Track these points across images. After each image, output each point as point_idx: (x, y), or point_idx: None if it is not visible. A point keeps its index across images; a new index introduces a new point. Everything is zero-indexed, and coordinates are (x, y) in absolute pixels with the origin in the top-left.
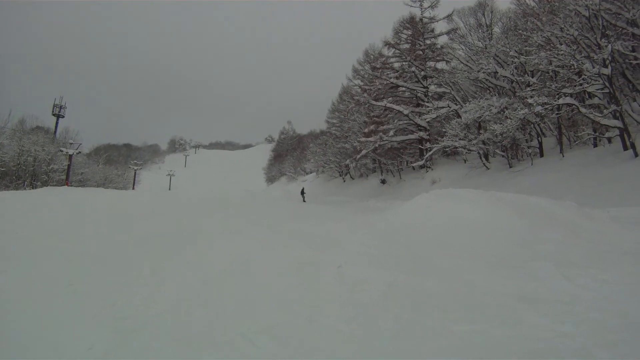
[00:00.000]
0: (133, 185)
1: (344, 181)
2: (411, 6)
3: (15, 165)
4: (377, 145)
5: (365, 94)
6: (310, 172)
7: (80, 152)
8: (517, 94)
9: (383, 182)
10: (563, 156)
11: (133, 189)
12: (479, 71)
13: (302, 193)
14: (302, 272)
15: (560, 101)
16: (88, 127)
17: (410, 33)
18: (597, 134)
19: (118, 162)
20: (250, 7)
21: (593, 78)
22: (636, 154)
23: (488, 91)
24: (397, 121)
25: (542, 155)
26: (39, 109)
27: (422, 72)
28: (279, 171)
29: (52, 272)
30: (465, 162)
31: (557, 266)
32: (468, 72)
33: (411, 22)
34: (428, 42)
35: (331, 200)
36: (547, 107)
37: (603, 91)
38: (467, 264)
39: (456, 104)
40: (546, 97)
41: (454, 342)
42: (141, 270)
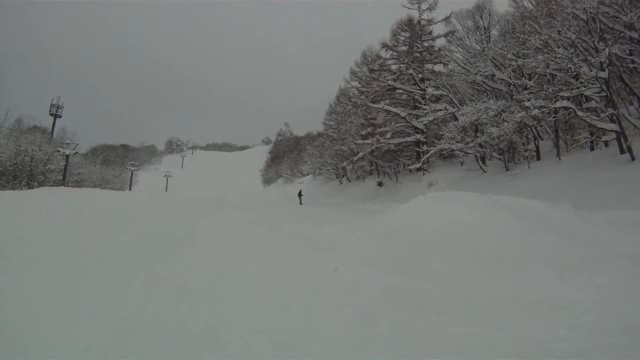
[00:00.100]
0: (130, 186)
1: (341, 183)
2: (409, 8)
3: (12, 165)
4: (374, 148)
5: (363, 96)
6: (307, 174)
7: (77, 152)
8: (514, 97)
9: (380, 184)
10: (560, 159)
11: (130, 189)
12: (476, 74)
13: (300, 195)
14: (299, 274)
15: (558, 104)
16: (85, 127)
17: (408, 35)
18: (593, 138)
19: (115, 162)
20: (250, 7)
21: (590, 81)
22: (633, 158)
23: (485, 94)
24: (394, 123)
25: (539, 158)
26: (36, 109)
27: (420, 75)
28: (276, 173)
29: (51, 272)
30: (462, 164)
31: (554, 269)
32: (465, 75)
33: (409, 25)
34: (426, 44)
35: (328, 203)
36: (544, 110)
37: (600, 95)
38: (464, 267)
39: (453, 107)
40: (543, 100)
41: (450, 346)
42: (139, 271)
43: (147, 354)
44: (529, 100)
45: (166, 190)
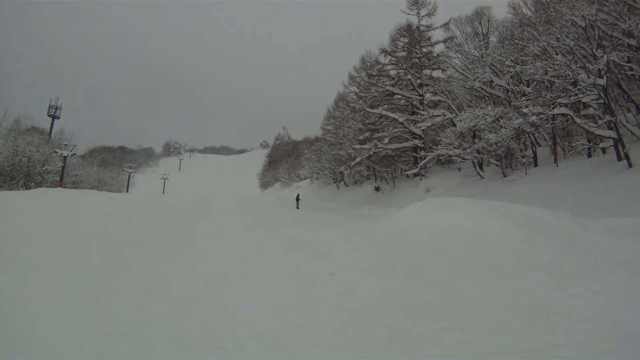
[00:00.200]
0: (127, 188)
1: (338, 188)
2: (408, 14)
3: (9, 166)
4: (371, 153)
5: (361, 101)
6: (305, 179)
7: (74, 153)
8: (512, 104)
9: (377, 189)
10: (557, 166)
11: (127, 192)
12: (474, 80)
13: (297, 199)
14: (295, 278)
15: (555, 111)
16: (83, 128)
17: (406, 41)
18: (591, 144)
19: (112, 164)
20: (250, 7)
21: (588, 88)
22: (630, 165)
23: (483, 100)
24: (392, 129)
25: (536, 164)
26: (35, 109)
27: (418, 80)
28: (273, 177)
29: (48, 272)
30: (459, 170)
31: (551, 276)
32: (464, 81)
33: (408, 30)
34: (424, 50)
35: (325, 207)
36: (541, 116)
37: (598, 102)
38: (461, 273)
39: (451, 113)
40: (541, 106)
41: (444, 351)
42: (136, 272)
43: (142, 356)
44: (526, 106)
45: (163, 193)
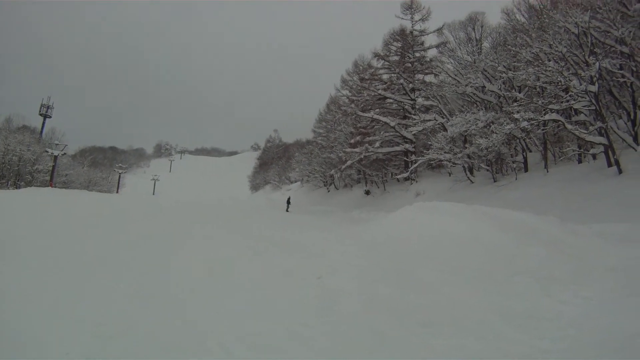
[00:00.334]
0: (117, 189)
1: (329, 191)
2: (402, 19)
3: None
4: (362, 156)
5: (353, 105)
6: (295, 181)
7: (65, 153)
8: (503, 109)
9: (367, 193)
10: (548, 171)
11: (117, 192)
12: (466, 85)
13: (288, 202)
14: (283, 281)
15: (547, 117)
16: (74, 127)
17: (400, 45)
18: (582, 150)
19: (103, 164)
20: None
21: (580, 95)
22: (620, 171)
23: (475, 105)
24: (383, 133)
25: (526, 170)
26: (26, 108)
27: (410, 85)
28: (264, 179)
29: (36, 274)
30: (449, 175)
31: (540, 282)
32: (456, 86)
33: (401, 35)
34: (417, 54)
35: (315, 210)
36: (533, 122)
37: (589, 108)
38: (449, 278)
39: (443, 117)
40: (532, 112)
41: (431, 357)
42: (125, 274)
43: (128, 358)
44: (518, 112)
45: (153, 194)
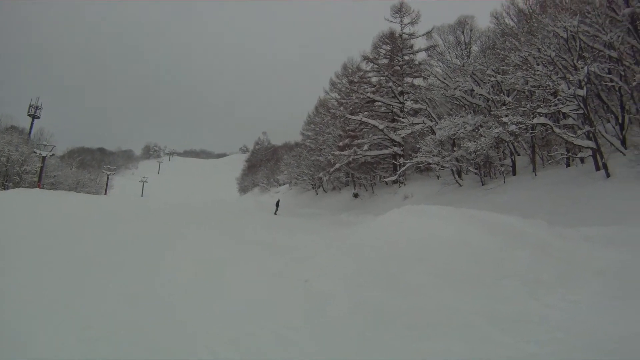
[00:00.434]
0: (105, 191)
1: (317, 194)
2: (391, 22)
3: None
4: (351, 159)
5: (342, 108)
6: (284, 184)
7: (53, 154)
8: (492, 113)
9: (356, 196)
10: (536, 175)
11: (105, 194)
12: (455, 89)
13: (277, 205)
14: (271, 284)
15: (535, 121)
16: (62, 128)
17: (389, 48)
18: (570, 154)
19: (91, 166)
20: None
21: (568, 99)
22: (608, 175)
23: (463, 109)
24: (371, 136)
25: (514, 173)
26: (14, 108)
27: (399, 88)
28: (252, 182)
29: (20, 276)
30: (438, 178)
31: (527, 285)
32: (445, 89)
33: (391, 38)
34: (406, 58)
35: (304, 213)
36: (521, 126)
37: (577, 112)
38: (436, 281)
39: (431, 121)
40: (521, 116)
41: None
42: (111, 277)
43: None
44: (506, 116)
45: (142, 195)
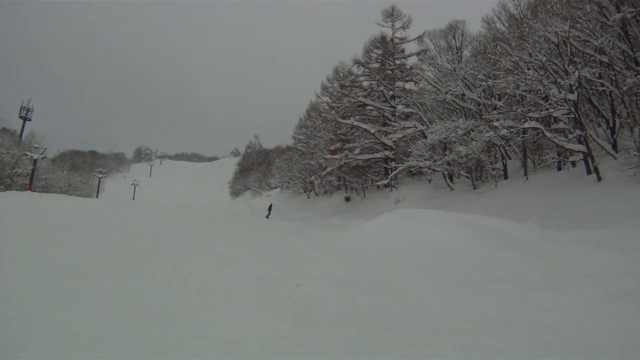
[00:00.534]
0: (97, 194)
1: (309, 197)
2: (383, 26)
3: None
4: (342, 163)
5: (333, 111)
6: (275, 188)
7: (45, 157)
8: (483, 117)
9: (347, 199)
10: (527, 179)
11: (97, 197)
12: (446, 93)
13: (269, 209)
14: (260, 289)
15: (526, 125)
16: (54, 130)
17: (380, 52)
18: (561, 158)
19: (83, 169)
20: (224, 13)
21: (559, 103)
22: (599, 178)
23: (455, 113)
24: (363, 139)
25: (506, 177)
26: (5, 111)
27: (391, 92)
28: (244, 185)
29: (9, 280)
30: (429, 182)
31: (517, 289)
32: (436, 94)
33: (382, 42)
34: (398, 62)
35: (295, 216)
36: (512, 130)
37: (568, 116)
38: (427, 286)
39: (423, 125)
40: (512, 120)
41: None
42: (101, 281)
43: None
44: (497, 120)
45: (133, 199)
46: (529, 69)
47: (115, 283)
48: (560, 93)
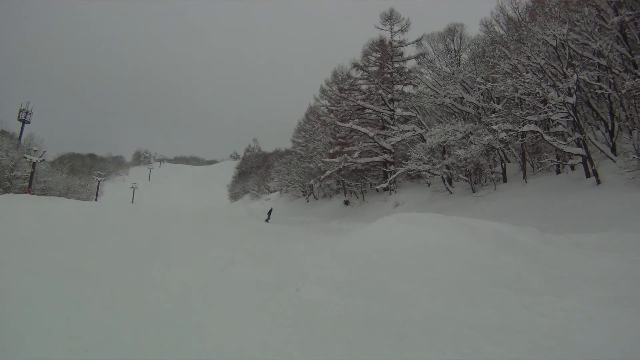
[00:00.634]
0: (96, 197)
1: (308, 201)
2: (381, 29)
3: None
4: (341, 167)
5: (332, 115)
6: (274, 191)
7: (44, 159)
8: (482, 120)
9: (346, 203)
10: (526, 182)
11: (96, 200)
12: (445, 96)
13: (269, 213)
14: (259, 293)
15: (525, 128)
16: (53, 133)
17: (379, 56)
18: (560, 161)
19: (82, 172)
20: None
21: (558, 106)
22: (598, 182)
23: (453, 116)
24: (362, 143)
25: (505, 180)
26: (4, 113)
27: (389, 95)
28: (243, 189)
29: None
30: (428, 185)
31: (516, 293)
32: (434, 97)
33: (380, 45)
34: (396, 65)
35: (294, 220)
36: (511, 133)
37: (567, 119)
38: (426, 290)
39: (421, 128)
40: (511, 123)
41: None
42: (99, 285)
43: None
44: (496, 123)
45: (132, 202)
46: (528, 72)
47: (114, 286)
48: (559, 96)
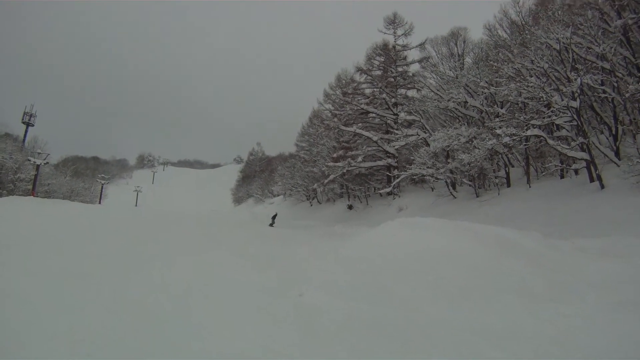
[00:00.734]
0: (100, 200)
1: (311, 205)
2: (385, 33)
3: None
4: (345, 171)
5: (336, 119)
6: (278, 195)
7: (47, 162)
8: (485, 124)
9: (350, 207)
10: (530, 187)
11: (100, 203)
12: (449, 100)
13: (273, 217)
14: (262, 297)
15: (529, 132)
16: (56, 136)
17: (382, 60)
18: (564, 166)
19: (85, 175)
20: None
21: (562, 110)
22: (602, 186)
23: (457, 120)
24: (366, 147)
25: (509, 185)
26: (8, 116)
27: (393, 99)
28: (247, 192)
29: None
30: (432, 190)
31: (520, 298)
32: (438, 101)
33: (384, 49)
34: (400, 69)
35: (298, 224)
36: (515, 138)
37: (571, 123)
38: (430, 295)
39: (425, 132)
40: (514, 128)
41: None
42: (102, 288)
43: None
44: (500, 127)
45: (136, 205)
46: (531, 76)
47: (116, 289)
48: (562, 100)
